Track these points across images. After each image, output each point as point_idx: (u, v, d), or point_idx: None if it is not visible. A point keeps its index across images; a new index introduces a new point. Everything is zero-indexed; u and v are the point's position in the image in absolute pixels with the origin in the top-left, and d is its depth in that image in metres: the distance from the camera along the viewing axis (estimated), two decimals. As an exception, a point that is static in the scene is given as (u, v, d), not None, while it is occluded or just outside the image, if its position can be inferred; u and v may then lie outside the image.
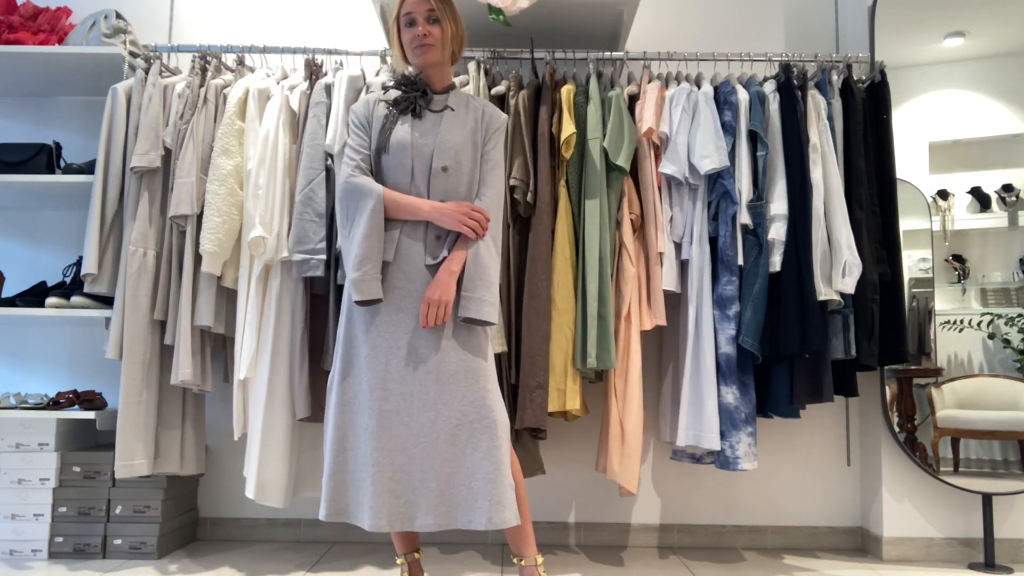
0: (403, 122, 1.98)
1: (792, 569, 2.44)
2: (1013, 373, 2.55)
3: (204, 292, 2.30)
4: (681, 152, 2.39)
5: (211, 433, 2.75)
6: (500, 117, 2.06)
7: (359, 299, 1.86)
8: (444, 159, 1.94)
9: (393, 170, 1.96)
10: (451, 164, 1.95)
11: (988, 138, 2.65)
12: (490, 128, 2.03)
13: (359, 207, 1.91)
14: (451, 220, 1.91)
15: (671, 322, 2.52)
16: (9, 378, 2.82)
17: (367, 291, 1.86)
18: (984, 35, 2.65)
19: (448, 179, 1.95)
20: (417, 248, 1.93)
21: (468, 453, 1.82)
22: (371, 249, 1.88)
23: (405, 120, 1.98)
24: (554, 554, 2.60)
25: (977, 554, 2.57)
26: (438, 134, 1.97)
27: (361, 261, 1.87)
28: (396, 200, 1.92)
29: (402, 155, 1.95)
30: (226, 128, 2.33)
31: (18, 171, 2.53)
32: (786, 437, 2.78)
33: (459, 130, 1.98)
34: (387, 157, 1.96)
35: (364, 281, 1.86)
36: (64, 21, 2.77)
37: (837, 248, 2.35)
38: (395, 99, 2.01)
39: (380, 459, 1.82)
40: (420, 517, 1.81)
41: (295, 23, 2.95)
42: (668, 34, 2.94)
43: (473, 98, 2.08)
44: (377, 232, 1.89)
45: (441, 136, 1.96)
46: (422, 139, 1.96)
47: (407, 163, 1.95)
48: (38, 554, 2.42)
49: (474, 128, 2.01)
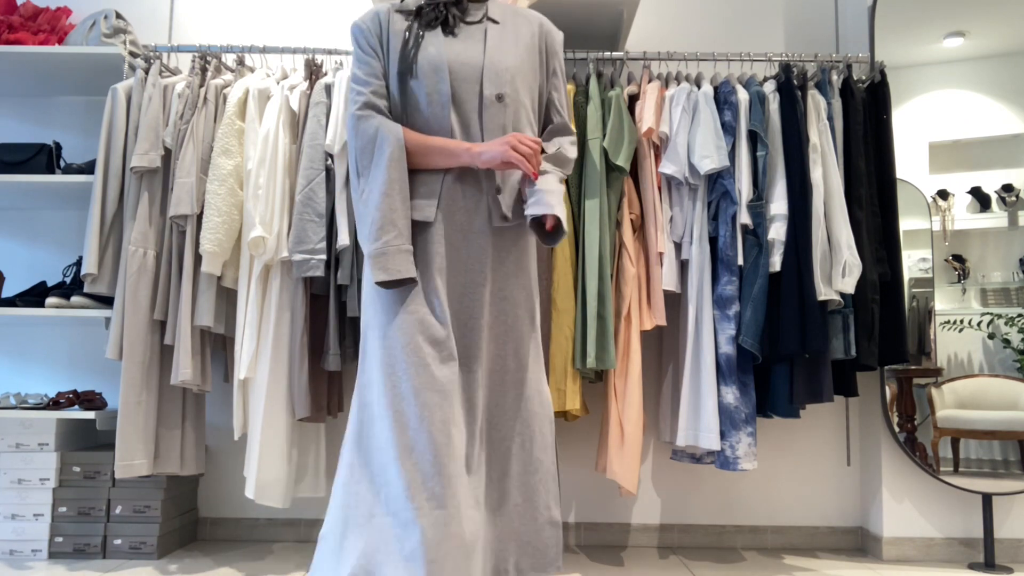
0: (432, 37, 1.51)
1: (792, 569, 2.44)
2: (1013, 373, 2.55)
3: (204, 292, 2.30)
4: (681, 152, 2.39)
5: (211, 433, 2.75)
6: (559, 35, 1.64)
7: (381, 280, 1.41)
8: (498, 84, 1.47)
9: (425, 103, 1.48)
10: (508, 91, 1.48)
11: (988, 138, 2.65)
12: (552, 45, 1.61)
13: (373, 158, 1.45)
14: (494, 154, 1.43)
15: (671, 322, 2.52)
16: (9, 378, 2.82)
17: (391, 267, 1.40)
18: (984, 35, 2.65)
19: (505, 112, 1.49)
20: (471, 206, 1.48)
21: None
22: (392, 211, 1.42)
23: (435, 35, 1.51)
24: (554, 554, 2.60)
25: (977, 554, 2.57)
26: (485, 52, 1.50)
27: (380, 228, 1.41)
28: (422, 144, 1.45)
29: (437, 80, 1.46)
30: (226, 128, 2.33)
31: (18, 171, 2.53)
32: (786, 437, 2.79)
33: (512, 46, 1.53)
34: (416, 84, 1.47)
35: (386, 255, 1.40)
36: (64, 21, 2.77)
37: (837, 248, 2.35)
38: (418, 8, 1.56)
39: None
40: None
41: (295, 23, 2.95)
42: (668, 34, 2.94)
43: (520, 9, 1.62)
44: (400, 187, 1.43)
45: (490, 54, 1.50)
46: (464, 58, 1.49)
47: (444, 90, 1.46)
48: (38, 554, 2.42)
49: (530, 45, 1.56)
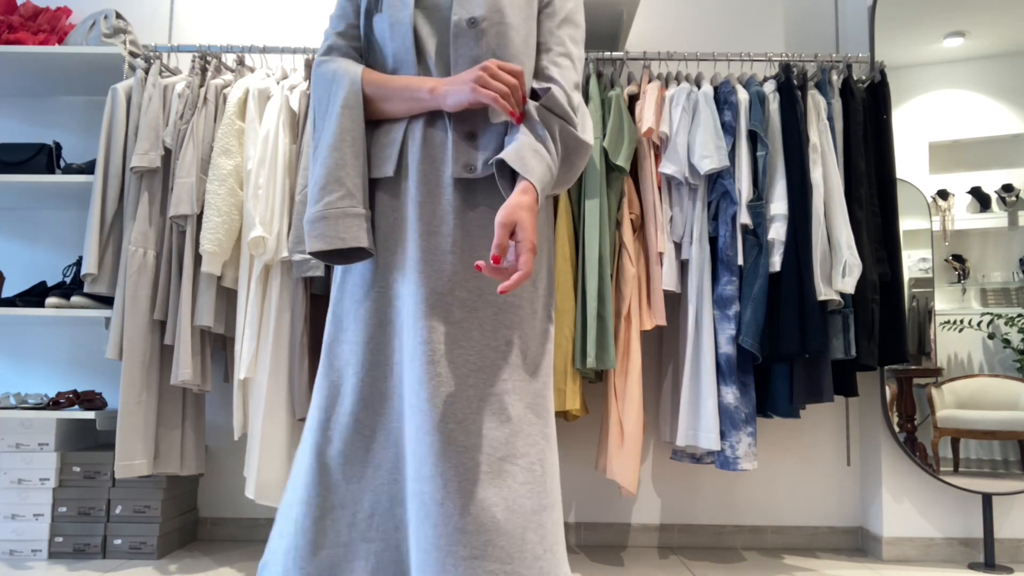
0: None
1: (792, 569, 2.44)
2: (1013, 373, 2.55)
3: (204, 292, 2.30)
4: (681, 152, 2.39)
5: (211, 433, 2.75)
6: None
7: (314, 249, 1.13)
8: (469, 5, 1.20)
9: (389, 37, 1.22)
10: (484, 13, 1.19)
11: (988, 138, 2.65)
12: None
13: (328, 104, 1.20)
14: (459, 91, 1.14)
15: (671, 322, 2.53)
16: (9, 378, 2.82)
17: (329, 233, 1.12)
18: (984, 35, 2.65)
19: (481, 40, 1.19)
20: (439, 155, 1.19)
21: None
22: (340, 166, 1.14)
23: None
24: (554, 554, 2.60)
25: (977, 554, 2.57)
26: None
27: (323, 188, 1.14)
28: (382, 83, 1.19)
29: (400, 7, 1.21)
30: (226, 128, 2.33)
31: (18, 171, 2.53)
32: (786, 437, 2.78)
33: None
34: (379, 18, 1.23)
35: (326, 220, 1.12)
36: (64, 21, 2.77)
37: (837, 248, 2.35)
38: None
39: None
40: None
41: (295, 23, 2.95)
42: (668, 34, 2.94)
43: None
44: (351, 137, 1.16)
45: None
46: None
47: (406, 18, 1.20)
48: (38, 554, 2.42)
49: None
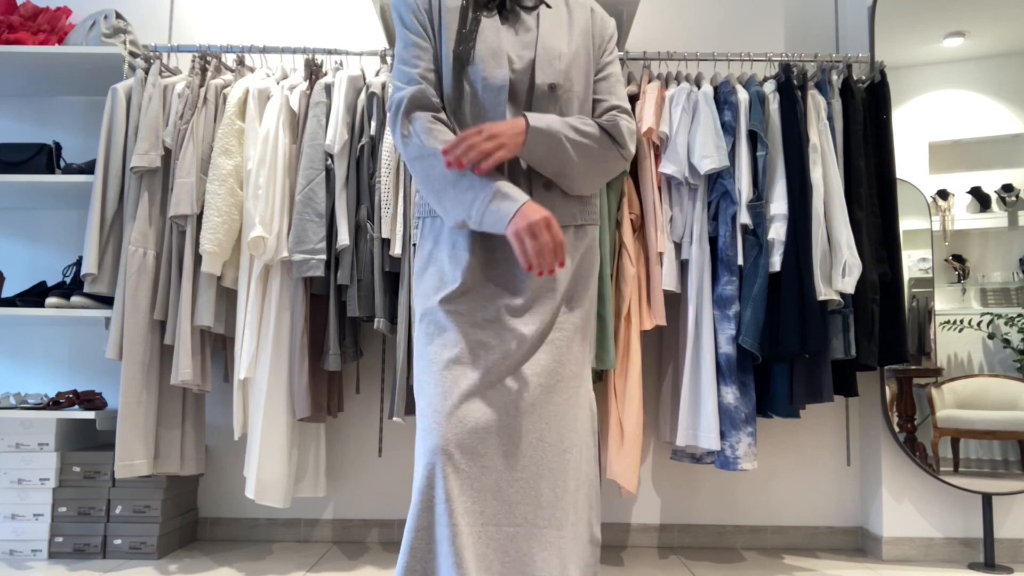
0: (489, 21, 1.40)
1: (792, 569, 2.44)
2: (1013, 373, 2.55)
3: (204, 292, 2.30)
4: (681, 152, 2.39)
5: (211, 433, 2.75)
6: (612, 21, 1.55)
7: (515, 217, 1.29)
8: (550, 73, 1.38)
9: (481, 89, 1.37)
10: (561, 81, 1.39)
11: (988, 138, 2.65)
12: (605, 33, 1.51)
13: (470, 178, 1.32)
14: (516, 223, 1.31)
15: (671, 322, 2.52)
16: (9, 378, 2.82)
17: (512, 193, 1.30)
18: (984, 35, 2.65)
19: (556, 103, 1.39)
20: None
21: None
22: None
23: (491, 17, 1.41)
24: (554, 554, 2.60)
25: (977, 554, 2.57)
26: (539, 38, 1.41)
27: (470, 188, 1.32)
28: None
29: (496, 66, 1.37)
30: (226, 128, 2.33)
31: (18, 171, 2.53)
32: (786, 437, 2.78)
33: (564, 34, 1.44)
34: (472, 70, 1.37)
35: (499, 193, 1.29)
36: (64, 21, 2.77)
37: (837, 248, 2.35)
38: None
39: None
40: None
41: (295, 23, 2.95)
42: (668, 34, 2.94)
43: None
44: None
45: (543, 42, 1.40)
46: (519, 44, 1.40)
47: (502, 76, 1.37)
48: (38, 554, 2.42)
49: (585, 31, 1.46)
